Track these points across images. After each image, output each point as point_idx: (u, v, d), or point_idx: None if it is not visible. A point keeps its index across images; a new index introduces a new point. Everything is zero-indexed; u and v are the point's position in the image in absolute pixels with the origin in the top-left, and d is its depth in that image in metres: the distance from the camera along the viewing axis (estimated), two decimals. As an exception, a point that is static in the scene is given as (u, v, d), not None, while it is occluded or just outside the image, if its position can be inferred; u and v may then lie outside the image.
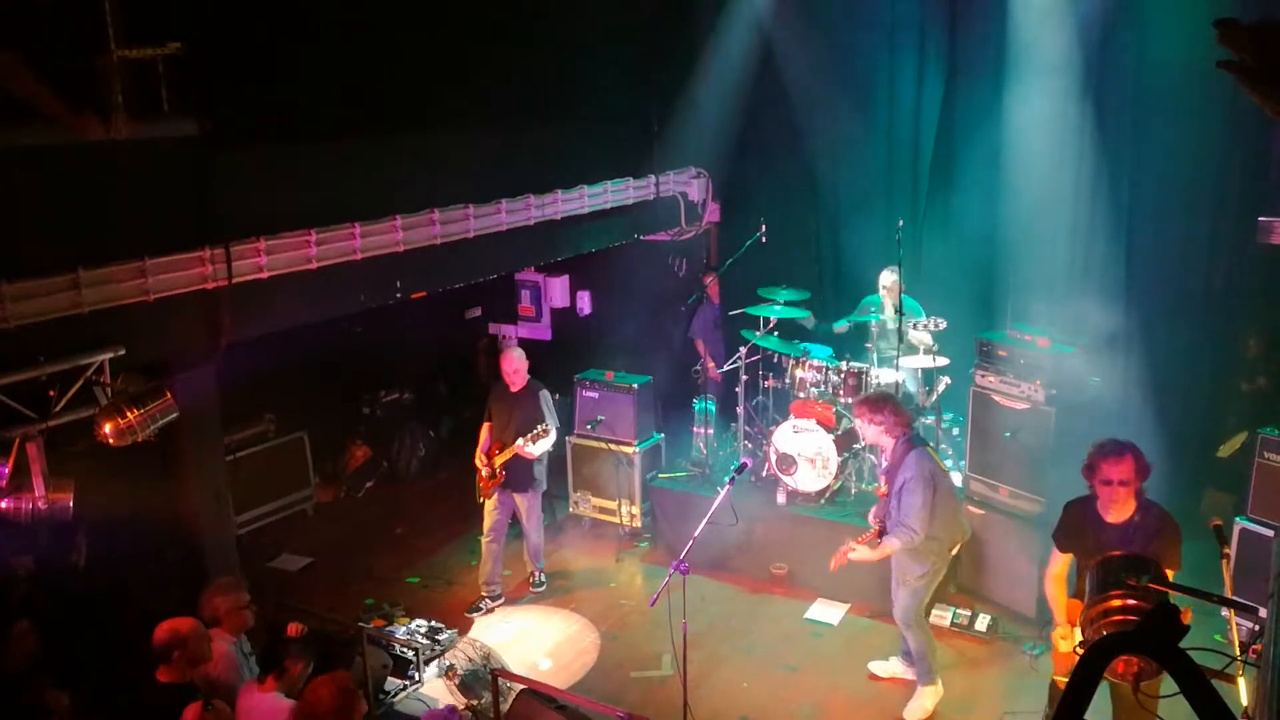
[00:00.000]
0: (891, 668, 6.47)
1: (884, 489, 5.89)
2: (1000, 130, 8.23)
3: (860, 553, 5.72)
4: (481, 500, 7.38)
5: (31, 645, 5.01)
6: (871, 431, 5.90)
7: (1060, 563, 4.97)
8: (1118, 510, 4.66)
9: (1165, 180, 7.61)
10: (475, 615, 7.31)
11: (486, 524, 7.38)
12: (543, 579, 7.77)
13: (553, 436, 7.28)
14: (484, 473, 7.26)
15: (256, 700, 4.59)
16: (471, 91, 7.00)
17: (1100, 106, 7.84)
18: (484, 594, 7.45)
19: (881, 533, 5.78)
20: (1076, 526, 4.83)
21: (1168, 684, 1.79)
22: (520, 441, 7.07)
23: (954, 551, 6.09)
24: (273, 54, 5.72)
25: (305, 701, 4.20)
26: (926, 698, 6.03)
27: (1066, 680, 4.78)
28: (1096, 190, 8.02)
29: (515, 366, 7.23)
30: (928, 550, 5.77)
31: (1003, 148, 8.23)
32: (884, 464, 6.07)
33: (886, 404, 5.89)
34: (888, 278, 8.06)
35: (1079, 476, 4.90)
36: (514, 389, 7.25)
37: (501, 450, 7.16)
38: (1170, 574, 4.43)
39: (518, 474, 7.25)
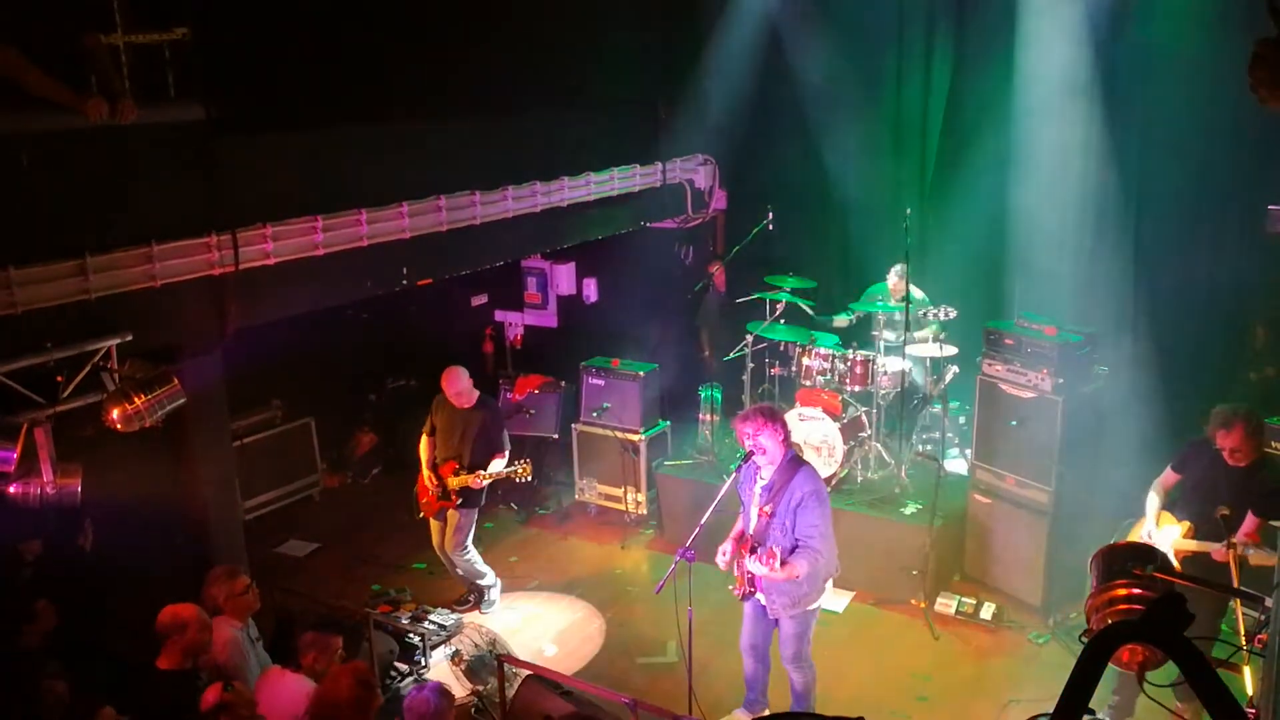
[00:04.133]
0: None
1: (767, 510, 5.27)
2: (1008, 118, 8.20)
3: (759, 569, 5.15)
4: (421, 517, 7.12)
5: (51, 624, 5.04)
6: (772, 445, 5.26)
7: (1165, 483, 5.53)
8: (1237, 461, 5.19)
9: (1174, 168, 7.56)
10: (463, 609, 7.22)
11: (435, 540, 7.14)
12: (493, 597, 7.23)
13: (506, 460, 6.96)
14: (434, 492, 6.90)
15: (284, 682, 4.63)
16: (478, 77, 6.99)
17: (1108, 94, 7.80)
18: (469, 588, 7.38)
19: (753, 549, 5.22)
20: (1196, 457, 5.41)
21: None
22: (478, 477, 6.76)
23: (828, 583, 5.56)
24: (279, 39, 5.71)
25: (324, 689, 4.21)
26: None
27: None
28: (1104, 179, 7.98)
29: (460, 389, 6.83)
30: (818, 572, 5.30)
31: (1010, 135, 8.20)
32: (759, 481, 5.41)
33: (780, 416, 5.36)
34: (895, 278, 8.05)
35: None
36: (462, 408, 6.90)
37: (458, 471, 6.80)
38: None
39: (464, 492, 6.91)
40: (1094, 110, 7.87)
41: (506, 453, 7.01)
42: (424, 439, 7.11)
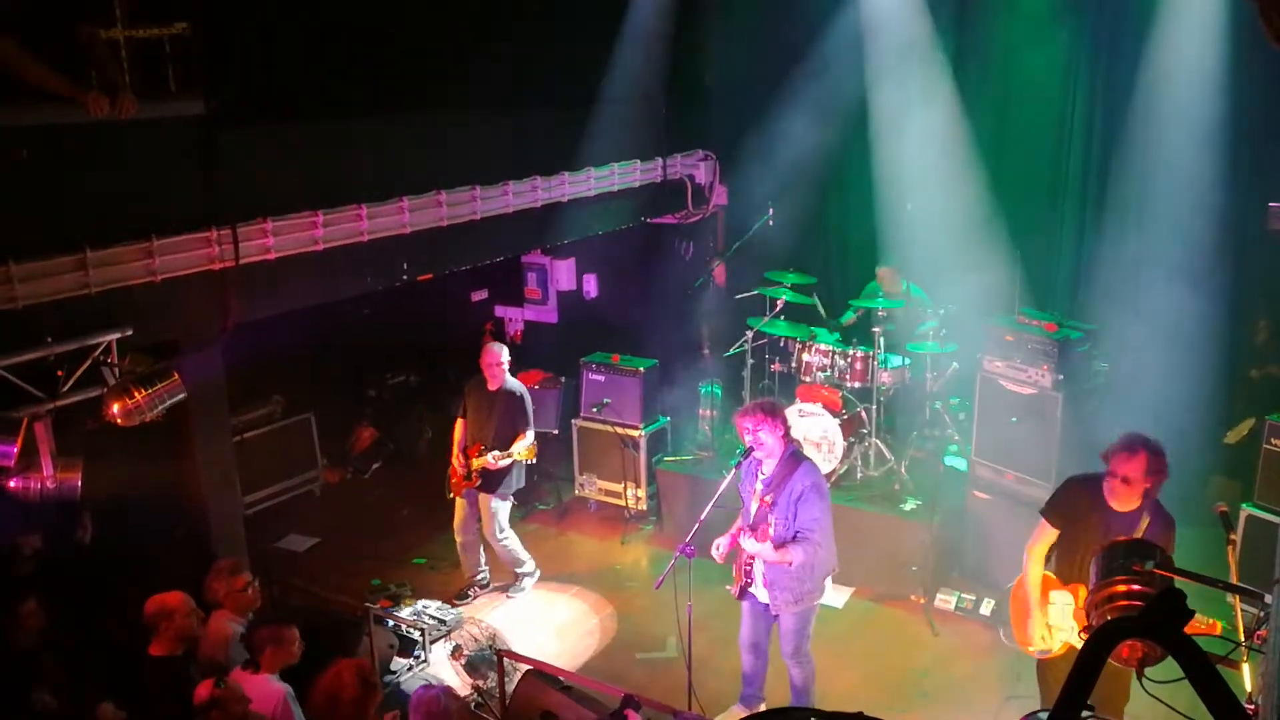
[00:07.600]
0: None
1: (768, 499, 5.31)
2: (1007, 111, 8.19)
3: (753, 546, 5.24)
4: (451, 497, 7.27)
5: (39, 624, 5.04)
6: (771, 440, 5.30)
7: (1046, 542, 4.84)
8: (1122, 502, 4.63)
9: (1174, 164, 7.55)
10: (463, 603, 7.25)
11: (455, 520, 7.28)
12: (524, 585, 7.46)
13: (529, 440, 7.07)
14: (460, 472, 7.11)
15: (249, 685, 4.60)
16: (478, 72, 6.98)
17: (1109, 90, 7.79)
18: (470, 582, 7.44)
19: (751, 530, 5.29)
20: (1074, 504, 4.78)
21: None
22: (494, 456, 6.90)
23: (827, 580, 5.60)
24: (279, 33, 5.70)
25: (327, 682, 4.16)
26: None
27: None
28: (1105, 175, 7.98)
29: (498, 360, 7.03)
30: (818, 566, 5.39)
31: (1010, 129, 8.19)
32: (760, 476, 5.46)
33: (780, 411, 5.40)
34: (884, 272, 8.06)
35: (1085, 462, 4.90)
36: (492, 385, 7.05)
37: (481, 453, 6.95)
38: None
39: (490, 475, 7.06)
40: (1095, 104, 7.86)
41: (530, 433, 7.08)
42: (458, 421, 7.27)
